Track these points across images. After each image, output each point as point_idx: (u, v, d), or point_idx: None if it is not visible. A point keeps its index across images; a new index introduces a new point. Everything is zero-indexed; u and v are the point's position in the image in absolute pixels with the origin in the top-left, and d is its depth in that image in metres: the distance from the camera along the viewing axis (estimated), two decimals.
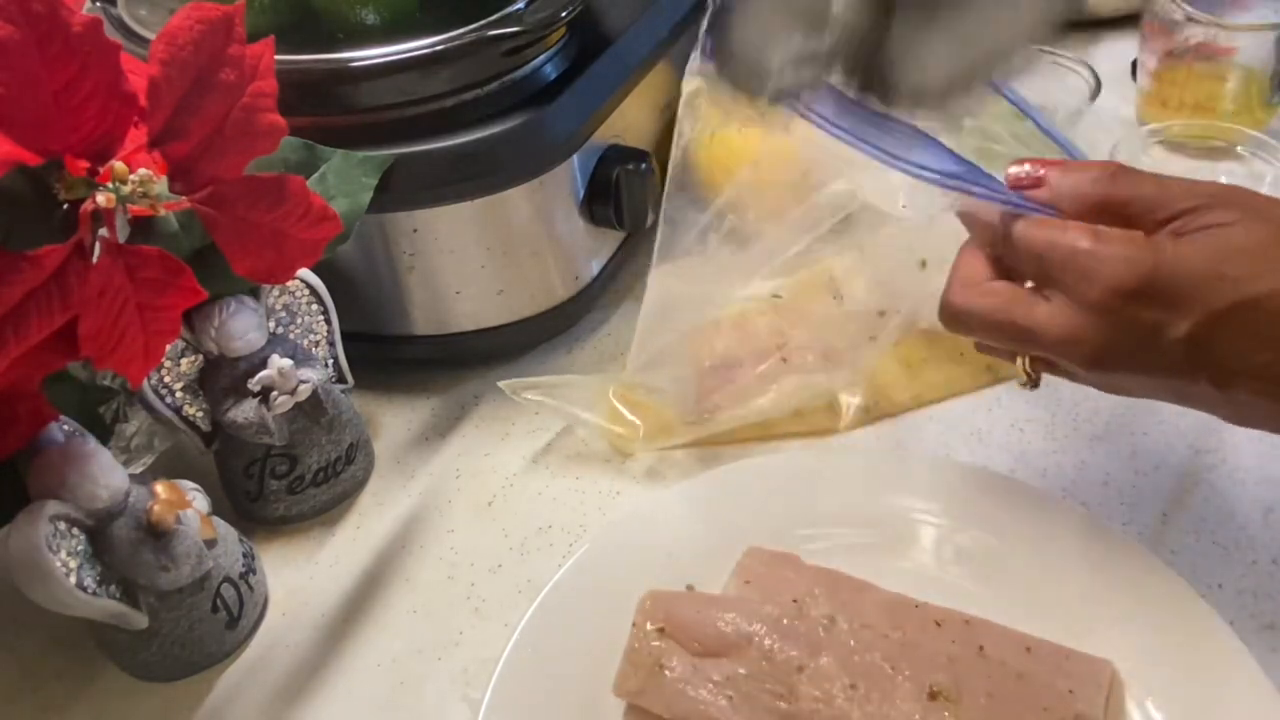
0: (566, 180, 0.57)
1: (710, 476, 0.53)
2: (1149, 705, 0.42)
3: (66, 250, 0.37)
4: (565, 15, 0.54)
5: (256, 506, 0.54)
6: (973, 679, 0.42)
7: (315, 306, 0.55)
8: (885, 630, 0.45)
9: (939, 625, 0.45)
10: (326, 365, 0.55)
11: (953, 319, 0.44)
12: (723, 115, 0.50)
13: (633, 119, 0.62)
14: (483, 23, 0.53)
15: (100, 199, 0.38)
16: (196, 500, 0.47)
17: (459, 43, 0.52)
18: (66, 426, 0.46)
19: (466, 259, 0.57)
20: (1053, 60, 0.70)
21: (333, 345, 0.56)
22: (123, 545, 0.44)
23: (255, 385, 0.50)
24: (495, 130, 0.54)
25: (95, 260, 0.38)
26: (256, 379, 0.50)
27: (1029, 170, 0.43)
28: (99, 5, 0.59)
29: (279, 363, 0.50)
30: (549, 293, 0.60)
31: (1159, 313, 0.38)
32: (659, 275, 0.53)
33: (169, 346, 0.47)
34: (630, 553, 0.49)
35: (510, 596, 0.50)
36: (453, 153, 0.54)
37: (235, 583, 0.49)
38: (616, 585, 0.47)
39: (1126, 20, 0.81)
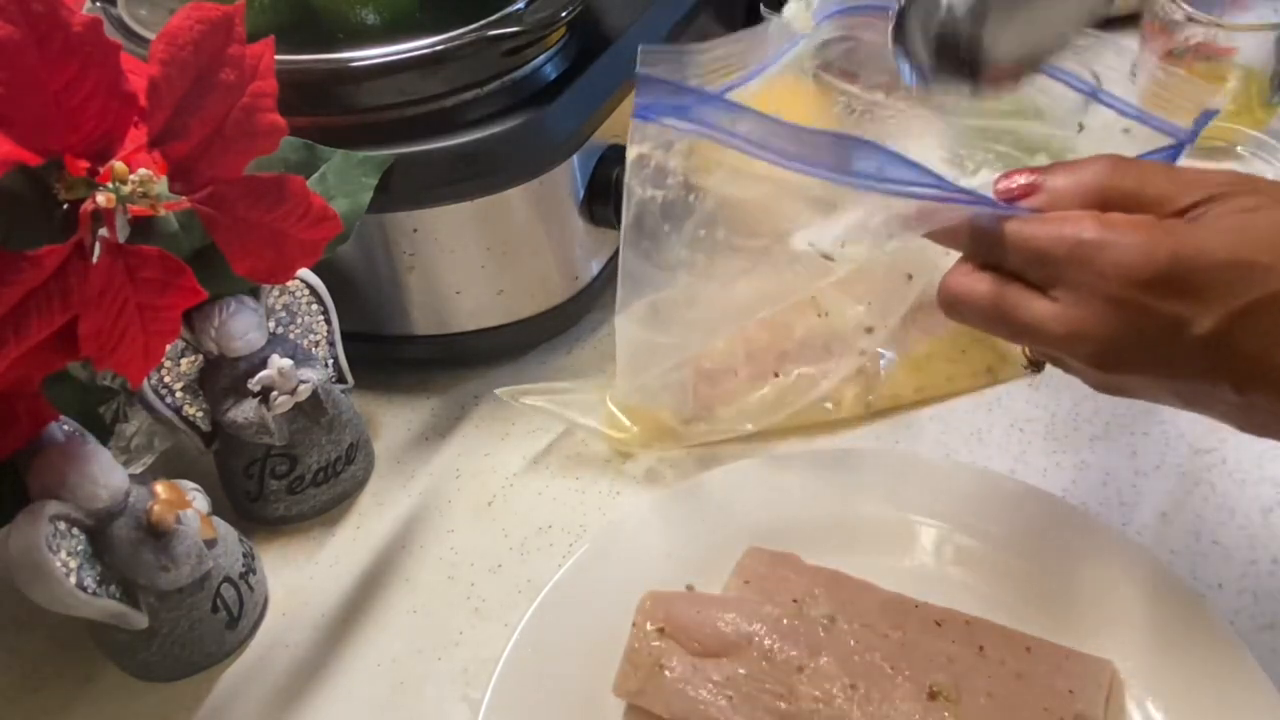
0: (566, 180, 0.57)
1: (710, 476, 0.53)
2: (1149, 705, 0.42)
3: (66, 250, 0.37)
4: (565, 15, 0.54)
5: (256, 506, 0.54)
6: (973, 679, 0.42)
7: (315, 306, 0.55)
8: (885, 630, 0.45)
9: (939, 625, 0.45)
10: (326, 365, 0.55)
11: (948, 305, 0.40)
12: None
13: None
14: (483, 23, 0.53)
15: (100, 199, 0.38)
16: (196, 500, 0.47)
17: (459, 43, 0.52)
18: (66, 426, 0.46)
19: (466, 259, 0.57)
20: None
21: (333, 345, 0.56)
22: (123, 545, 0.44)
23: (255, 385, 0.50)
24: (495, 130, 0.54)
25: (95, 260, 0.38)
26: (256, 379, 0.50)
27: (1021, 181, 0.39)
28: (99, 5, 0.59)
29: (279, 363, 0.50)
30: (549, 293, 0.60)
31: (1178, 306, 0.34)
32: (624, 323, 0.53)
33: (169, 346, 0.47)
34: (630, 553, 0.49)
35: (510, 596, 0.50)
36: (453, 153, 0.54)
37: (235, 583, 0.49)
38: (616, 585, 0.47)
39: (1126, 20, 0.81)
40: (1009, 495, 0.50)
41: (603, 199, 0.59)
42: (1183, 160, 0.45)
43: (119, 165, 0.38)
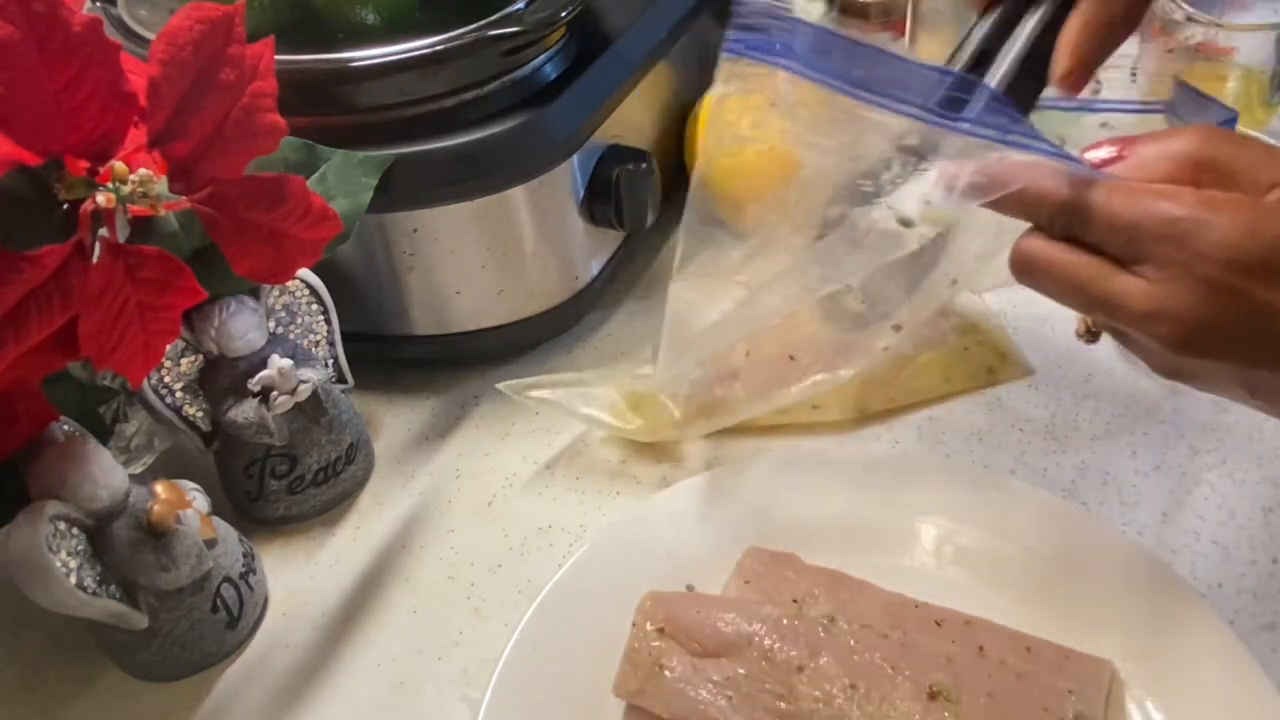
0: (566, 180, 0.57)
1: (710, 476, 0.53)
2: (1149, 705, 0.42)
3: (66, 250, 0.37)
4: (565, 15, 0.54)
5: (256, 506, 0.54)
6: (973, 679, 0.42)
7: (315, 306, 0.55)
8: (885, 630, 0.45)
9: (939, 625, 0.45)
10: (326, 365, 0.55)
11: (1022, 268, 0.38)
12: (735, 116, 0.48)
13: (633, 119, 0.62)
14: (483, 23, 0.53)
15: (100, 199, 0.38)
16: (196, 500, 0.47)
17: (459, 43, 0.52)
18: (66, 426, 0.46)
19: (466, 259, 0.57)
20: None
21: (333, 345, 0.56)
22: (123, 545, 0.44)
23: (255, 385, 0.50)
24: (495, 130, 0.54)
25: (95, 260, 0.38)
26: (256, 379, 0.50)
27: (1106, 152, 0.37)
28: (99, 5, 0.59)
29: (279, 363, 0.50)
30: (549, 293, 0.60)
31: (1275, 293, 0.33)
32: (677, 289, 0.51)
33: (169, 346, 0.47)
34: (630, 553, 0.49)
35: (510, 596, 0.50)
36: (453, 153, 0.54)
37: (235, 583, 0.49)
38: (616, 585, 0.47)
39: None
40: (1009, 495, 0.50)
41: (603, 199, 0.59)
42: None
43: (119, 165, 0.38)
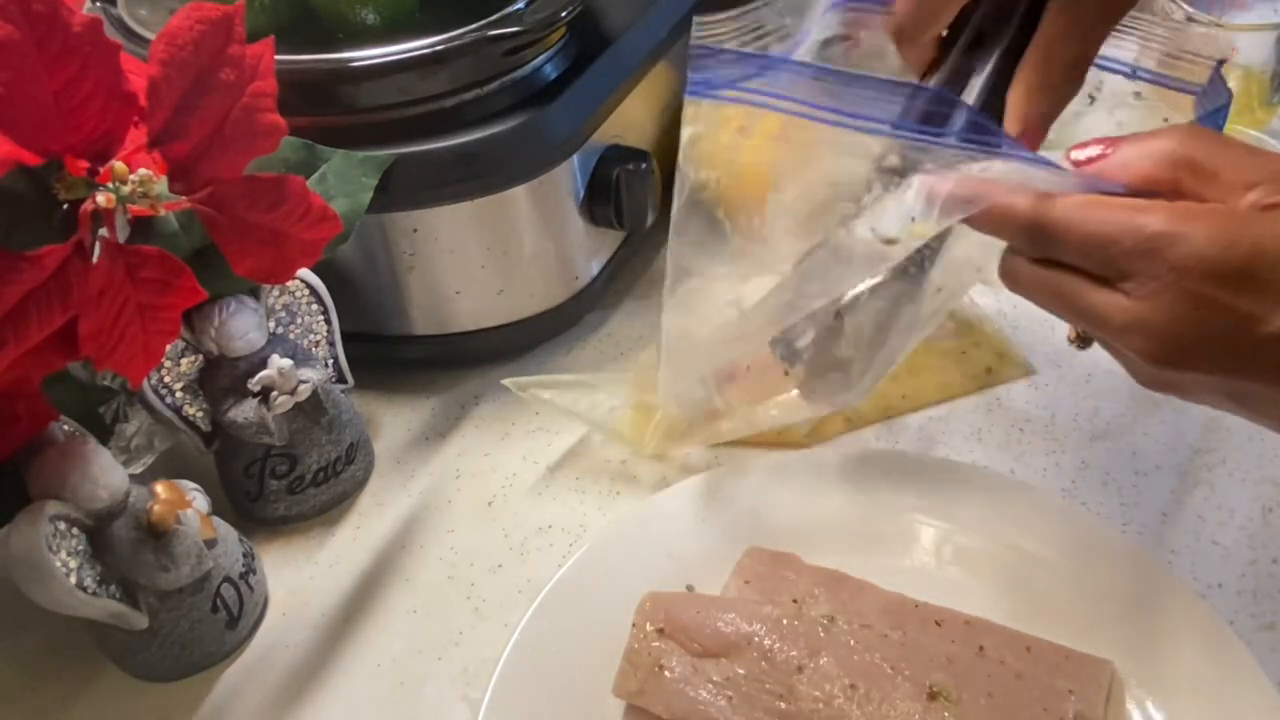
0: (566, 180, 0.57)
1: (710, 476, 0.53)
2: (1149, 705, 0.42)
3: (66, 250, 0.37)
4: (565, 15, 0.54)
5: (256, 506, 0.54)
6: (973, 679, 0.42)
7: (315, 306, 0.55)
8: (885, 630, 0.45)
9: (939, 625, 0.45)
10: (326, 365, 0.55)
11: (1008, 276, 0.39)
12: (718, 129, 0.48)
13: (633, 119, 0.62)
14: (483, 23, 0.53)
15: (100, 199, 0.38)
16: (196, 500, 0.47)
17: (459, 43, 0.52)
18: (66, 426, 0.46)
19: (466, 259, 0.57)
20: None
21: (333, 345, 0.56)
22: (123, 545, 0.44)
23: (255, 385, 0.50)
24: (495, 130, 0.54)
25: (95, 260, 0.38)
26: (256, 379, 0.50)
27: (1091, 152, 0.37)
28: (99, 5, 0.59)
29: (279, 363, 0.50)
30: (549, 293, 0.60)
31: (1251, 302, 0.33)
32: (669, 316, 0.50)
33: (169, 346, 0.47)
34: (630, 553, 0.49)
35: (510, 596, 0.50)
36: (453, 153, 0.54)
37: (235, 583, 0.49)
38: (616, 586, 0.47)
39: (1126, 20, 0.81)
40: (1009, 495, 0.50)
41: (603, 199, 0.59)
42: None
43: (119, 165, 0.38)
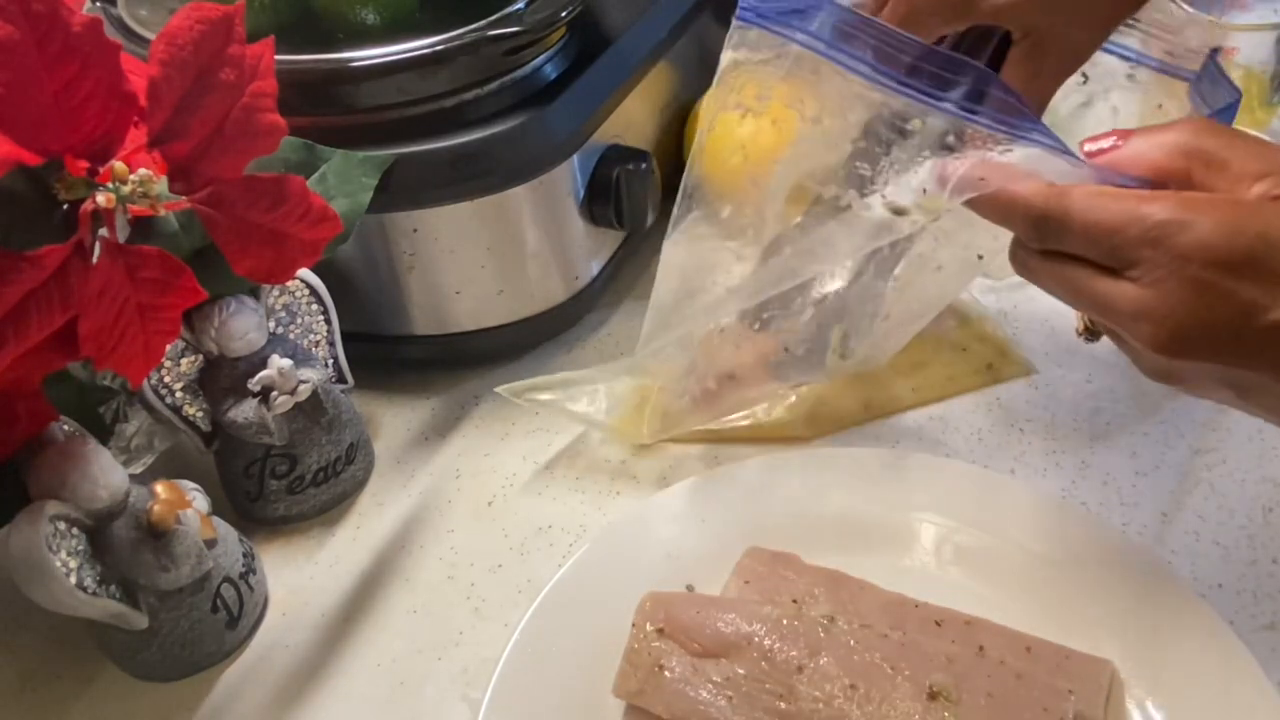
0: (566, 180, 0.57)
1: (710, 476, 0.53)
2: (1149, 705, 0.42)
3: (66, 250, 0.37)
4: (565, 15, 0.54)
5: (256, 506, 0.54)
6: (973, 679, 0.42)
7: (315, 306, 0.55)
8: (885, 630, 0.45)
9: (939, 625, 0.45)
10: (326, 365, 0.55)
11: (1018, 261, 0.39)
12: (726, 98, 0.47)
13: (633, 119, 0.62)
14: (483, 23, 0.53)
15: (100, 199, 0.38)
16: (196, 500, 0.47)
17: (459, 43, 0.52)
18: (66, 426, 0.46)
19: (466, 259, 0.57)
20: None
21: (333, 345, 0.56)
22: (123, 545, 0.44)
23: (255, 385, 0.50)
24: (495, 130, 0.54)
25: (95, 260, 0.38)
26: (256, 379, 0.50)
27: (1104, 143, 0.38)
28: (99, 5, 0.59)
29: (279, 363, 0.50)
30: (549, 293, 0.60)
31: (1255, 290, 0.33)
32: (668, 249, 0.50)
33: (169, 346, 0.47)
34: (630, 553, 0.49)
35: (510, 596, 0.50)
36: (453, 153, 0.54)
37: (235, 583, 0.49)
38: (616, 585, 0.47)
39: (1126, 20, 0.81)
40: (1009, 495, 0.50)
41: (603, 199, 0.59)
42: None
43: (119, 165, 0.38)
